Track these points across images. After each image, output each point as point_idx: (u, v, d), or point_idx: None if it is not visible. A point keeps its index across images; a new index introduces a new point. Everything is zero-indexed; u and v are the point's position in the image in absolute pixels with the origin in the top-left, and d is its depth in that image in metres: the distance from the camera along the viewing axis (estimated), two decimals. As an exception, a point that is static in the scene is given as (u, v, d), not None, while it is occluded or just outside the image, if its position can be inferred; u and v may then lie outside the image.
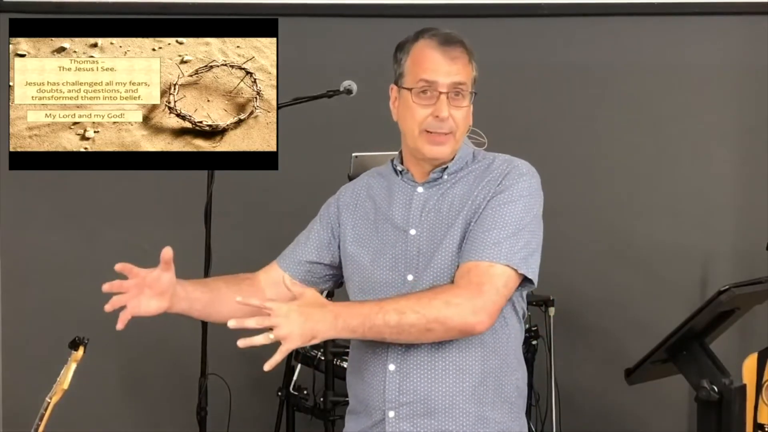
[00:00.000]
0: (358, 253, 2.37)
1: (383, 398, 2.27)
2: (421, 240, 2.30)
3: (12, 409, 4.49)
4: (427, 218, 2.32)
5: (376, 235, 2.36)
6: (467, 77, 2.30)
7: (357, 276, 2.37)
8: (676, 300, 4.34)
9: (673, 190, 4.50)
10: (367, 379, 2.31)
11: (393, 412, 2.27)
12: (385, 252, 2.33)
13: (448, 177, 2.35)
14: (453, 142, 2.31)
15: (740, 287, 3.24)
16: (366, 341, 2.28)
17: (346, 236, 2.42)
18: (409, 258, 2.30)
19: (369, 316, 2.13)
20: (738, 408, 3.23)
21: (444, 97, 2.27)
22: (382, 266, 2.32)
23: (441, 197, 2.33)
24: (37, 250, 4.53)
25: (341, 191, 2.51)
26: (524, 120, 4.42)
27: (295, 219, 4.33)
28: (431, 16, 4.34)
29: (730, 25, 4.48)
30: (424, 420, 2.25)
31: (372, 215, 2.40)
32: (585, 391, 4.40)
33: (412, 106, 2.30)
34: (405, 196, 2.37)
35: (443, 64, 2.28)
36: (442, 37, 2.30)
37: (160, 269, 2.25)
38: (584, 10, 4.48)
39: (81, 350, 3.03)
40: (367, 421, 2.32)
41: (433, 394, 2.25)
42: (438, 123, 2.28)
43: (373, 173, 2.51)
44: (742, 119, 4.49)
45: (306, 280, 2.48)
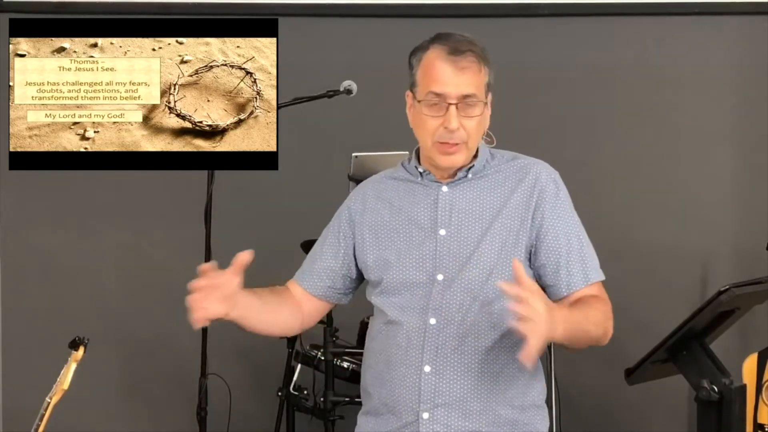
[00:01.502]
0: (382, 255, 2.36)
1: (418, 399, 2.27)
2: (452, 240, 2.31)
3: (12, 409, 4.49)
4: (457, 218, 2.32)
5: (398, 237, 2.36)
6: (478, 87, 2.30)
7: (382, 277, 2.35)
8: (676, 300, 4.33)
9: (673, 190, 4.49)
10: (398, 381, 2.30)
11: (428, 414, 2.26)
12: (411, 253, 2.32)
13: (472, 176, 2.36)
14: (465, 150, 2.32)
15: (740, 287, 3.24)
16: (393, 341, 2.30)
17: (365, 241, 2.40)
18: (439, 258, 2.30)
19: (580, 324, 2.20)
20: (738, 408, 3.22)
21: (453, 108, 2.27)
22: (408, 267, 2.32)
23: (468, 197, 2.34)
24: (37, 250, 4.52)
25: (350, 200, 2.49)
26: (523, 120, 4.42)
27: (295, 219, 4.36)
28: (431, 16, 4.33)
29: (730, 25, 4.47)
30: (459, 422, 2.26)
31: (388, 218, 2.38)
32: (585, 391, 4.40)
33: (423, 116, 2.31)
34: (429, 196, 2.37)
35: (452, 75, 2.27)
36: (450, 47, 2.29)
37: (232, 272, 2.20)
38: (584, 10, 4.47)
39: (81, 350, 3.03)
40: (394, 422, 2.31)
41: (469, 396, 2.26)
42: (448, 134, 2.28)
43: (381, 178, 2.49)
44: (742, 119, 4.49)
45: (325, 295, 2.47)
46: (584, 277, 2.33)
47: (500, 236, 2.30)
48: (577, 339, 2.22)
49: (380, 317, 2.38)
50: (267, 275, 4.36)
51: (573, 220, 2.38)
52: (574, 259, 2.33)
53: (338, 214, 2.49)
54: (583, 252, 2.36)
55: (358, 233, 2.41)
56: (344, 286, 2.47)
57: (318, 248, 2.50)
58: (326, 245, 2.47)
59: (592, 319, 2.25)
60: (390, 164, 3.61)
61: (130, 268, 4.50)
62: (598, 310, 2.29)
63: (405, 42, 4.30)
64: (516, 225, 2.31)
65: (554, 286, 2.33)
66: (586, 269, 2.34)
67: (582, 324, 2.21)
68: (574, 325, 2.18)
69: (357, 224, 2.42)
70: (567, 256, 2.32)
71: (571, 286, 2.32)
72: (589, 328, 2.24)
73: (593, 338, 2.27)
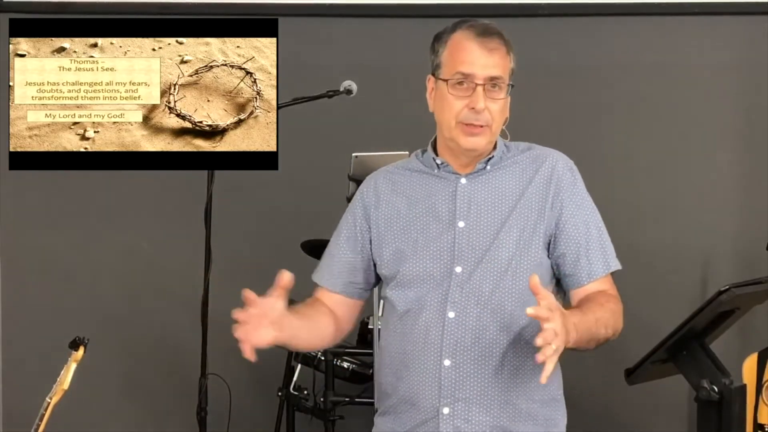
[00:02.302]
0: (398, 248, 2.34)
1: (438, 394, 2.25)
2: (471, 232, 2.29)
3: (12, 409, 4.49)
4: (476, 210, 2.31)
5: (414, 229, 2.33)
6: (504, 70, 2.31)
7: (398, 270, 2.33)
8: (676, 300, 4.33)
9: (673, 190, 4.49)
10: (417, 375, 2.27)
11: (448, 409, 2.25)
12: (428, 245, 2.31)
13: (491, 168, 2.35)
14: (489, 134, 2.31)
15: (740, 287, 3.24)
16: (409, 336, 2.28)
17: (381, 233, 2.37)
18: (458, 250, 2.28)
19: (591, 329, 2.20)
20: (738, 408, 3.22)
21: (480, 89, 2.27)
22: (426, 258, 2.30)
23: (487, 189, 2.33)
24: (37, 250, 4.52)
25: (362, 193, 2.45)
26: (523, 120, 4.40)
27: (295, 219, 4.36)
28: (431, 16, 4.33)
29: (730, 25, 4.47)
30: (480, 416, 2.25)
31: (405, 210, 2.36)
32: (585, 391, 4.40)
33: (448, 97, 2.29)
34: (447, 188, 2.35)
35: (480, 56, 2.28)
36: (480, 29, 2.31)
37: (276, 296, 2.13)
38: (584, 10, 4.47)
39: (81, 350, 3.03)
40: (414, 418, 2.29)
41: (490, 390, 2.25)
42: (474, 115, 2.27)
43: (393, 169, 2.46)
44: (742, 119, 4.49)
45: (346, 291, 2.43)
46: (605, 265, 2.34)
47: (518, 226, 2.29)
48: (587, 343, 2.22)
49: (393, 313, 2.35)
50: (267, 275, 4.36)
51: (591, 209, 2.38)
52: (594, 247, 2.33)
53: (351, 208, 2.45)
54: (603, 240, 2.36)
55: (374, 226, 2.38)
56: (364, 281, 2.43)
57: (334, 245, 2.45)
58: (344, 241, 2.43)
59: (602, 322, 2.24)
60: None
61: (130, 268, 4.50)
62: (608, 310, 2.28)
63: (405, 42, 4.33)
64: (534, 215, 2.30)
65: (574, 275, 2.32)
66: (606, 257, 2.34)
67: (592, 328, 2.21)
68: (585, 330, 2.18)
69: (372, 217, 2.39)
70: (587, 245, 2.32)
71: (592, 275, 2.32)
72: (599, 331, 2.24)
73: (602, 340, 2.27)
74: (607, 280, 2.36)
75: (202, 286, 3.64)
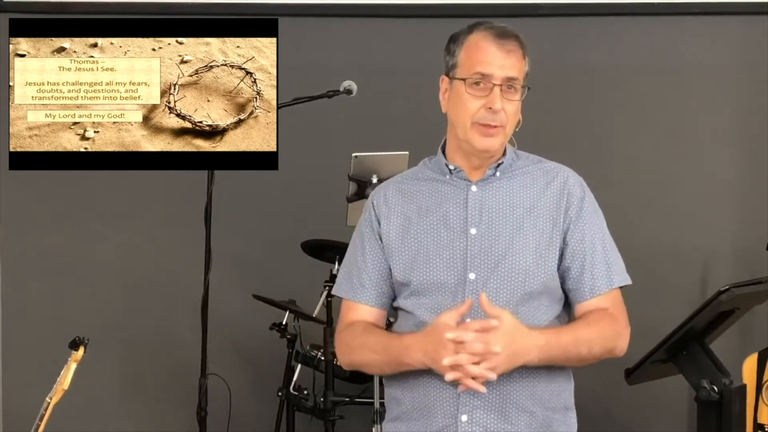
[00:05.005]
0: (411, 257, 2.33)
1: (456, 401, 2.25)
2: (483, 239, 2.30)
3: (12, 409, 4.49)
4: (488, 217, 2.31)
5: (426, 237, 2.33)
6: (520, 72, 2.32)
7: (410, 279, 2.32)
8: (676, 300, 4.33)
9: (674, 190, 4.49)
10: (433, 383, 2.27)
11: (466, 416, 2.25)
12: (441, 253, 2.31)
13: (500, 175, 2.36)
14: (503, 135, 2.32)
15: (740, 287, 3.24)
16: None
17: (392, 243, 2.36)
18: (471, 257, 2.29)
19: (567, 348, 2.23)
20: (738, 408, 3.23)
21: (497, 89, 2.28)
22: (439, 266, 2.30)
23: (497, 196, 2.34)
24: (37, 250, 4.52)
25: (372, 206, 2.43)
26: (523, 120, 4.42)
27: (295, 219, 4.36)
28: (431, 16, 4.33)
29: (730, 25, 4.47)
30: (497, 424, 2.25)
31: (416, 219, 2.35)
32: (585, 391, 4.39)
33: (464, 96, 2.30)
34: (459, 196, 2.35)
35: (498, 57, 2.29)
36: (498, 30, 2.33)
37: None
38: (584, 10, 4.47)
39: (81, 350, 3.03)
40: (431, 424, 2.28)
41: (507, 397, 2.25)
42: (491, 115, 2.28)
43: (402, 179, 2.45)
44: (742, 119, 4.49)
45: (380, 303, 2.40)
46: (608, 282, 2.34)
47: (534, 237, 2.30)
48: (565, 361, 2.28)
49: (409, 320, 2.34)
50: (267, 275, 4.37)
51: (599, 224, 2.38)
52: (599, 262, 2.34)
53: (365, 221, 2.43)
54: (608, 256, 2.37)
55: (385, 236, 2.37)
56: (390, 290, 2.41)
57: (359, 260, 2.41)
58: (367, 253, 2.40)
59: (583, 341, 2.26)
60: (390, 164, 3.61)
61: (130, 268, 4.50)
62: (596, 330, 2.29)
63: (405, 42, 4.32)
64: (549, 226, 2.31)
65: (577, 290, 2.33)
66: (610, 273, 2.35)
67: (569, 347, 2.24)
68: (559, 349, 2.22)
69: (383, 228, 2.38)
70: (592, 260, 2.33)
71: (595, 291, 2.33)
72: (580, 351, 2.25)
73: (587, 359, 2.29)
74: (611, 296, 2.36)
75: (202, 286, 3.64)
